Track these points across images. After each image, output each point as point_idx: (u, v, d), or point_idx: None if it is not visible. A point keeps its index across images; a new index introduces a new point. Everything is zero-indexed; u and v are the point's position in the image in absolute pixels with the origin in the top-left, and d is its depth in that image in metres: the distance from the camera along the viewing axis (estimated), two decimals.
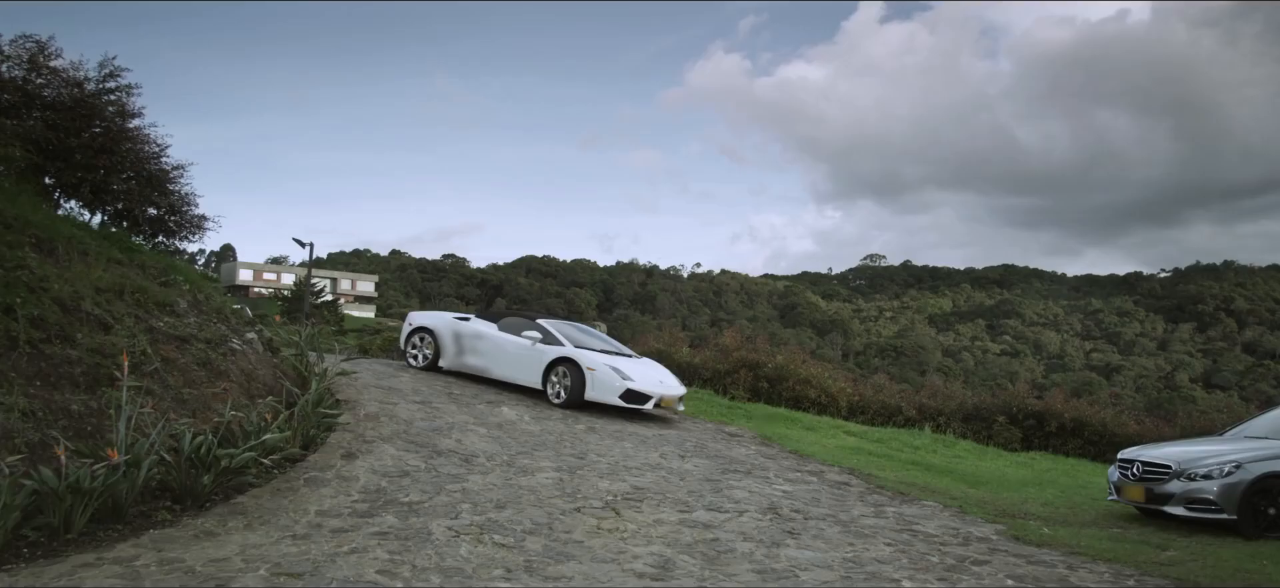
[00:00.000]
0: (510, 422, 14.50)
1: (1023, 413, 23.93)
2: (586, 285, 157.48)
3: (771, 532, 9.64)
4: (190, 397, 10.74)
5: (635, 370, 17.03)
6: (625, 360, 17.55)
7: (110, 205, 17.64)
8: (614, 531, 9.26)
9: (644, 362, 18.22)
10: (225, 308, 14.17)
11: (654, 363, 18.75)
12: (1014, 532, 10.46)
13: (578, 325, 19.82)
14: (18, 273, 10.12)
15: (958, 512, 11.51)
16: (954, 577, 8.27)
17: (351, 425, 12.62)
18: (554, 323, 18.51)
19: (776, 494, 11.51)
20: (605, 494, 10.68)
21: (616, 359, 17.32)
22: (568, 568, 7.88)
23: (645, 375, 17.08)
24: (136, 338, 10.74)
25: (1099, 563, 9.06)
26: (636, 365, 17.46)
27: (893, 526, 10.36)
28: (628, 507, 10.21)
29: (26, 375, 9.31)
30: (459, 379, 18.64)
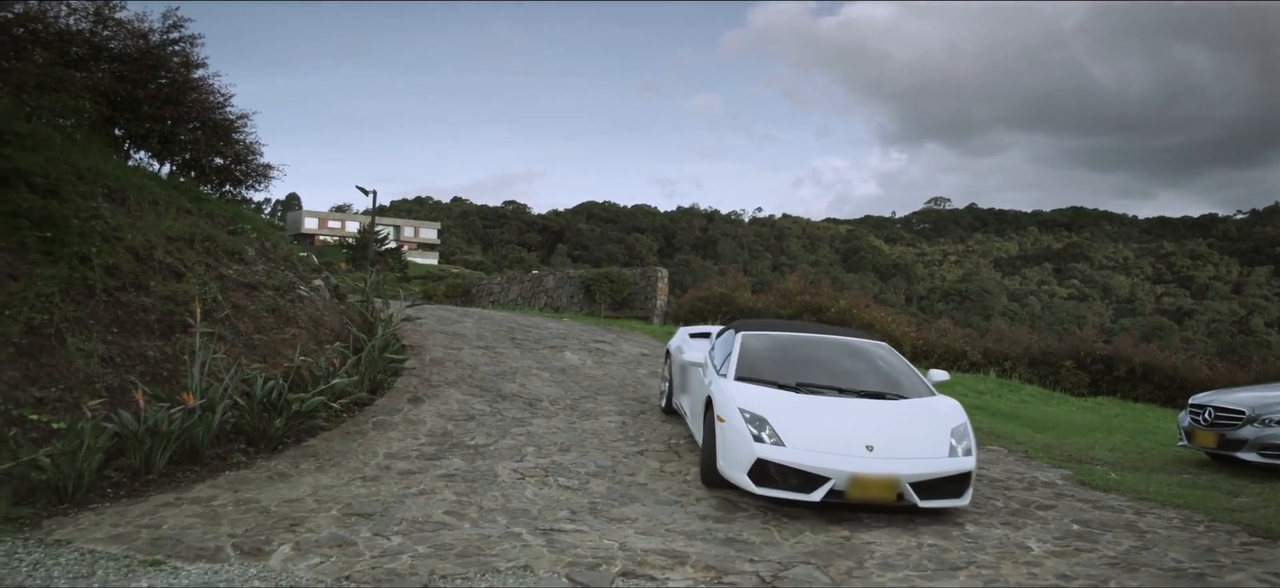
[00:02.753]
0: (573, 367, 14.60)
1: (1090, 358, 23.58)
2: (647, 231, 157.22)
3: None
4: (260, 343, 10.95)
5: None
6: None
7: (178, 156, 17.91)
8: (677, 474, 9.31)
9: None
10: (292, 255, 14.39)
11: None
12: (1080, 477, 10.34)
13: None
14: (92, 223, 10.34)
15: (1023, 457, 11.40)
16: (1019, 521, 8.21)
17: (417, 371, 12.79)
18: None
19: None
20: (668, 438, 10.73)
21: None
22: (632, 510, 7.95)
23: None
24: (207, 285, 10.95)
25: (1168, 509, 8.92)
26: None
27: None
28: (691, 450, 10.25)
29: (104, 323, 9.55)
30: (522, 324, 18.76)
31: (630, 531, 7.38)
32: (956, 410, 8.96)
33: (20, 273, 9.20)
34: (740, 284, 27.89)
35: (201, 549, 6.52)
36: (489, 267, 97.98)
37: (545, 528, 7.25)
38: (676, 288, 31.25)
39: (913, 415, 8.85)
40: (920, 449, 8.21)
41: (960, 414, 8.88)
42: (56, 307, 9.20)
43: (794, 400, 8.81)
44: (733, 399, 8.59)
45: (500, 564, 6.32)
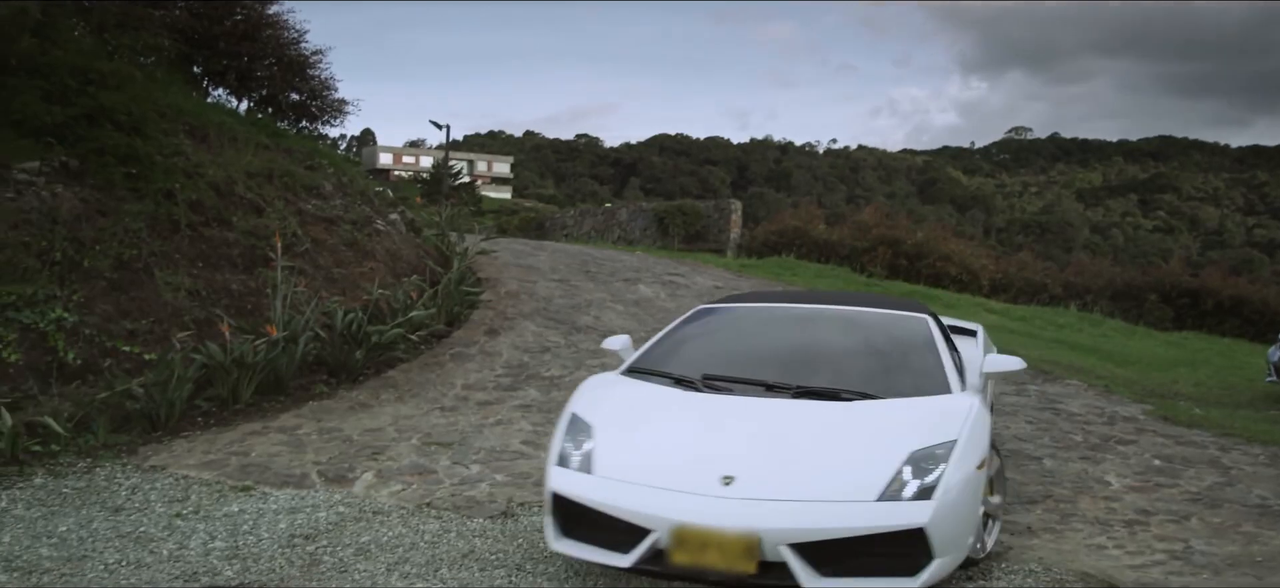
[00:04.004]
0: (647, 299, 14.64)
1: (1176, 291, 22.99)
2: (720, 163, 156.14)
3: None
4: (340, 276, 11.15)
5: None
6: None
7: (255, 92, 18.17)
8: None
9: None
10: (368, 190, 14.57)
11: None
12: (1163, 412, 10.14)
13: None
14: (175, 159, 10.56)
15: (1103, 391, 11.20)
16: (1098, 456, 8.09)
17: (493, 303, 12.94)
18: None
19: None
20: None
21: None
22: None
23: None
24: (287, 220, 11.15)
25: (1254, 445, 8.72)
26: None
27: (1034, 404, 10.15)
28: None
29: (189, 257, 9.79)
30: (596, 258, 18.84)
31: None
32: (958, 418, 5.16)
33: (109, 209, 9.45)
34: (814, 217, 27.60)
35: (288, 476, 6.72)
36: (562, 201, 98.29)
37: None
38: (750, 221, 31.03)
39: (860, 427, 5.14)
40: (831, 482, 4.67)
41: (955, 426, 5.04)
42: (144, 242, 9.44)
43: (670, 401, 5.57)
44: (573, 402, 5.60)
45: None
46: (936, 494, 4.60)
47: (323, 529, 5.66)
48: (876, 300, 7.72)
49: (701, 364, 5.96)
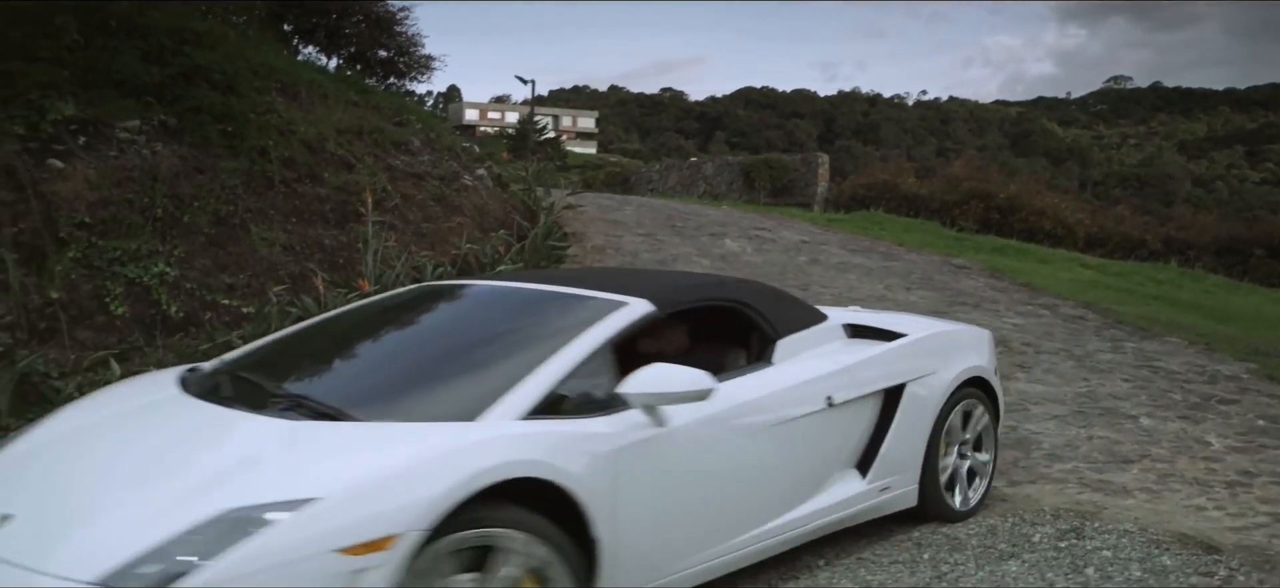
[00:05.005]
0: (733, 253, 14.58)
1: None
2: (807, 116, 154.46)
3: (1001, 365, 9.35)
4: (428, 230, 11.29)
5: None
6: None
7: (344, 49, 18.42)
8: None
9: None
10: (456, 146, 14.69)
11: None
12: (1268, 371, 9.79)
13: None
14: (268, 117, 10.77)
15: (1204, 349, 10.85)
16: (1197, 415, 7.86)
17: (579, 258, 13.00)
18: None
19: (1006, 327, 11.16)
20: None
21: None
22: None
23: None
24: (377, 176, 11.32)
25: None
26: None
27: (1132, 361, 9.89)
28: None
29: (283, 213, 10.00)
30: (681, 212, 18.81)
31: None
32: (403, 461, 3.32)
33: (206, 166, 9.69)
34: (903, 170, 27.18)
35: None
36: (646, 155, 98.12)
37: None
38: (837, 174, 30.68)
39: (237, 459, 3.45)
40: (75, 549, 3.03)
41: (344, 476, 3.21)
42: (239, 198, 9.67)
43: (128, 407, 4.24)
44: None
45: None
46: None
47: None
48: (601, 279, 5.31)
49: (261, 362, 4.73)
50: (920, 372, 5.26)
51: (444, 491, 3.15)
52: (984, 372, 5.75)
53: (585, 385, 3.90)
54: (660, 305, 4.43)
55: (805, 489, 4.69)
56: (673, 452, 3.96)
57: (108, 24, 10.06)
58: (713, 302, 4.97)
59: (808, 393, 4.66)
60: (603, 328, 4.14)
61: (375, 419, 3.66)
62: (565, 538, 3.47)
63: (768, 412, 4.47)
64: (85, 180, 8.84)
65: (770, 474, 4.52)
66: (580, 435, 3.69)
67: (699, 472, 4.12)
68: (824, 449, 4.80)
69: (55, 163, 8.82)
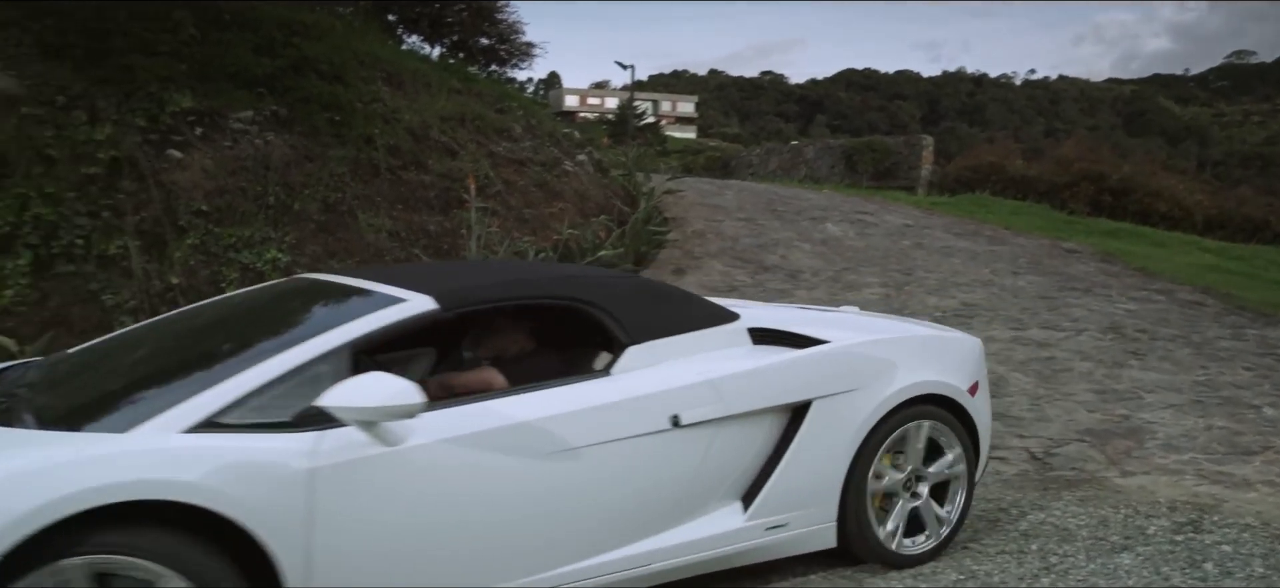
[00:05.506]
0: (835, 238, 14.42)
1: None
2: (910, 98, 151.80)
3: (1113, 352, 9.11)
4: (530, 216, 11.41)
5: None
6: None
7: (446, 38, 18.69)
8: None
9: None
10: (556, 132, 14.81)
11: None
12: None
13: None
14: (373, 106, 11.00)
15: None
16: None
17: (679, 242, 12.99)
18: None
19: (1119, 313, 10.84)
20: (933, 310, 10.46)
21: None
22: None
23: None
24: (480, 162, 11.47)
25: None
26: None
27: (1254, 349, 9.50)
28: (957, 323, 9.95)
29: (389, 199, 10.21)
30: (782, 196, 18.67)
31: None
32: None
33: (315, 154, 9.94)
34: (1010, 152, 26.55)
35: None
36: (746, 139, 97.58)
37: None
38: (941, 157, 30.07)
39: None
40: None
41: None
42: (347, 185, 9.90)
43: None
44: None
45: None
46: None
47: None
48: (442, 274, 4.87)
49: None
50: (835, 387, 4.27)
51: (27, 510, 2.66)
52: (948, 389, 4.61)
53: (310, 395, 3.25)
54: (445, 304, 3.70)
55: (641, 525, 3.85)
56: (406, 477, 3.30)
57: (222, 18, 10.37)
58: (530, 300, 4.18)
59: (644, 410, 3.82)
60: (352, 328, 3.51)
61: (50, 427, 3.25)
62: (234, 576, 2.95)
63: (576, 431, 3.66)
64: (202, 170, 9.14)
65: (573, 506, 3.68)
66: (261, 455, 3.07)
67: (449, 502, 3.41)
68: (669, 477, 3.90)
69: (174, 153, 9.14)
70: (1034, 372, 8.29)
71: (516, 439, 3.55)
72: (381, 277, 4.11)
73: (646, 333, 4.06)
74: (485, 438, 3.48)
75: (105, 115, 8.94)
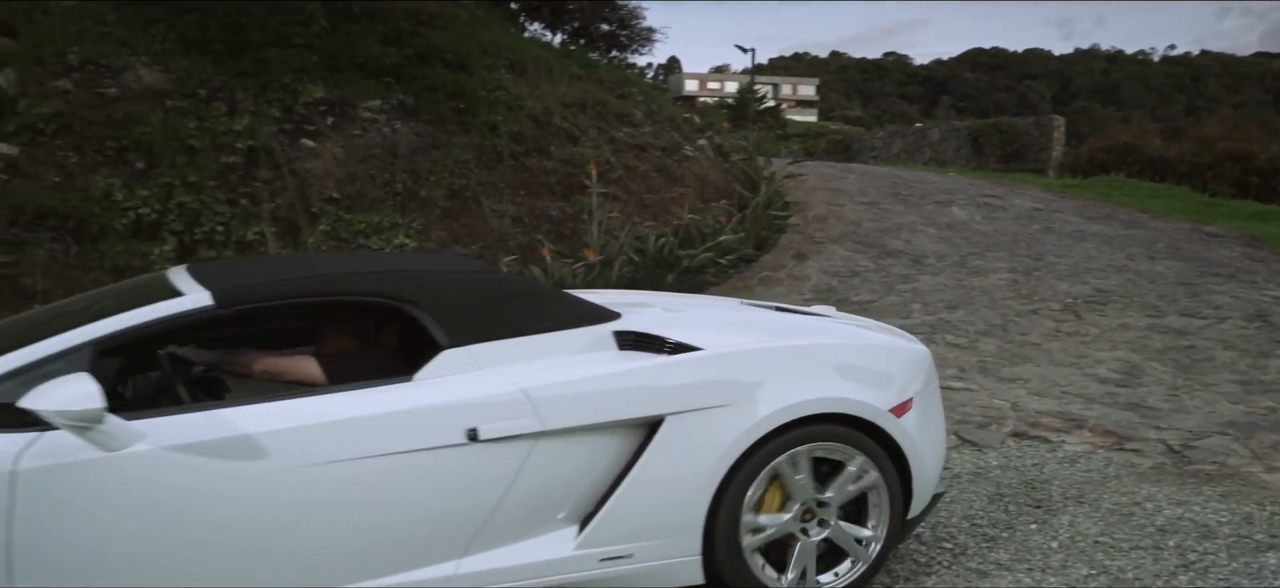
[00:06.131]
0: (960, 222, 14.10)
1: None
2: (1039, 77, 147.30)
3: (1258, 341, 8.69)
4: (651, 201, 11.44)
5: None
6: None
7: (567, 24, 18.89)
8: (1074, 333, 8.81)
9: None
10: (677, 117, 14.81)
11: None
12: None
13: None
14: (497, 93, 11.18)
15: None
16: None
17: (800, 227, 12.88)
18: None
19: (1266, 300, 10.33)
20: (1064, 296, 10.14)
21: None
22: (1024, 370, 7.63)
23: None
24: (601, 148, 11.55)
25: None
26: None
27: None
28: (1090, 310, 9.63)
29: (512, 185, 10.37)
30: (906, 180, 18.34)
31: (1022, 391, 7.09)
32: None
33: (440, 142, 10.15)
34: (1147, 131, 25.57)
35: None
36: (869, 122, 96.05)
37: None
38: (1073, 138, 29.12)
39: None
40: None
41: None
42: (471, 172, 10.09)
43: None
44: None
45: None
46: None
47: None
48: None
49: None
50: (693, 402, 3.66)
51: None
52: (856, 407, 3.87)
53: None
54: (221, 301, 3.45)
55: (430, 549, 3.47)
56: (119, 485, 3.09)
57: (351, 10, 10.67)
58: (324, 298, 3.83)
59: (434, 422, 3.42)
60: (98, 327, 3.32)
61: None
62: None
63: (337, 442, 3.33)
64: (333, 158, 9.43)
65: (327, 525, 3.35)
66: None
67: (171, 513, 3.16)
68: (467, 497, 3.48)
69: (307, 142, 9.45)
70: (1172, 361, 7.97)
71: (259, 449, 3.23)
72: (207, 276, 3.73)
73: (471, 335, 3.63)
74: (220, 447, 3.19)
75: (243, 107, 9.29)
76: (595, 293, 4.85)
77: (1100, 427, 6.25)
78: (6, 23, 9.15)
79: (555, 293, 4.22)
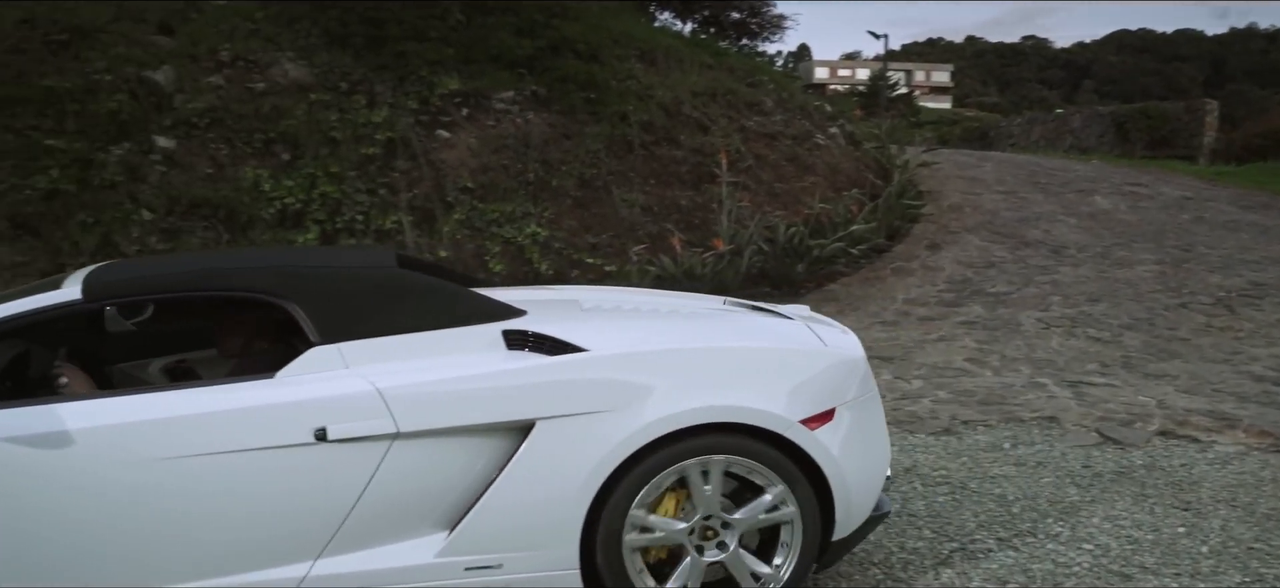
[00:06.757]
0: (1104, 211, 13.60)
1: None
2: (1190, 59, 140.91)
3: None
4: (781, 191, 11.35)
5: None
6: None
7: (697, 13, 18.87)
8: (1227, 329, 8.40)
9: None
10: (807, 105, 14.65)
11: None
12: None
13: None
14: (628, 83, 11.24)
15: None
16: None
17: (934, 217, 12.63)
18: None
19: None
20: (1216, 290, 9.69)
21: None
22: (1171, 366, 7.32)
23: None
24: (731, 137, 11.50)
25: None
26: None
27: None
28: (1244, 304, 9.18)
29: (642, 175, 10.41)
30: (1046, 168, 17.79)
31: (1170, 388, 6.80)
32: None
33: (572, 132, 10.26)
34: None
35: None
36: (1006, 108, 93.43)
37: (1073, 380, 6.90)
38: (1227, 123, 27.80)
39: None
40: None
41: None
42: (602, 162, 10.18)
43: None
44: None
45: (1024, 414, 6.13)
46: None
47: None
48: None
49: None
50: (566, 407, 3.45)
51: None
52: (759, 417, 3.52)
53: None
54: (88, 295, 3.45)
55: (274, 550, 3.38)
56: None
57: (485, 3, 10.87)
58: (199, 293, 3.75)
59: (283, 419, 3.33)
60: None
61: None
62: None
63: (194, 437, 3.28)
64: (467, 148, 9.63)
65: (178, 519, 3.29)
66: None
67: (9, 507, 3.19)
68: (315, 498, 3.38)
69: (442, 133, 9.67)
70: None
71: (100, 442, 3.20)
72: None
73: (343, 333, 3.50)
74: (56, 439, 3.18)
75: (382, 99, 9.57)
76: (533, 290, 4.75)
77: (1255, 427, 5.95)
78: (164, 23, 9.61)
79: (450, 290, 3.90)
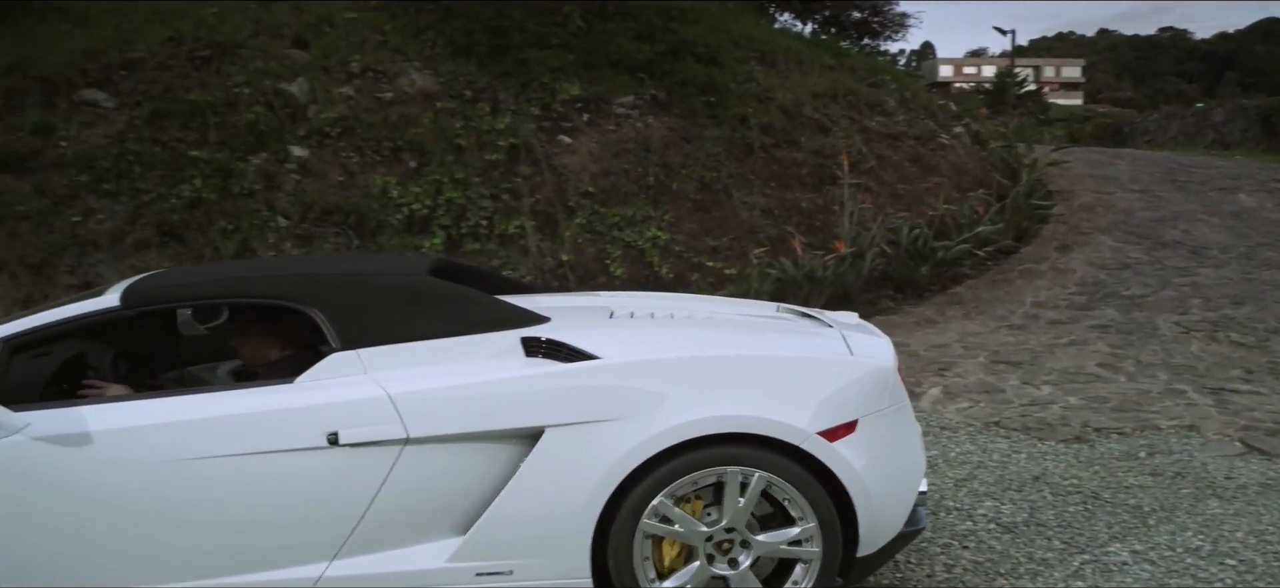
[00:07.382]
0: (1248, 209, 13.01)
1: None
2: None
3: None
4: (904, 192, 11.17)
5: None
6: None
7: (818, 14, 18.71)
8: None
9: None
10: (931, 104, 14.38)
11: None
12: None
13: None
14: (747, 86, 11.21)
15: None
16: None
17: (1065, 217, 12.27)
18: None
19: None
20: None
21: None
22: None
23: None
24: (852, 138, 11.37)
25: None
26: None
27: None
28: None
29: (762, 178, 10.37)
30: (1184, 165, 17.11)
31: None
32: None
33: (692, 135, 10.29)
34: None
35: None
36: (1141, 103, 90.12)
37: (1214, 387, 6.61)
38: None
39: None
40: None
41: None
42: (722, 165, 10.17)
43: None
44: None
45: (1161, 422, 5.90)
46: None
47: None
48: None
49: None
50: (576, 415, 3.42)
51: None
52: (772, 427, 3.42)
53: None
54: (126, 302, 3.61)
55: (286, 550, 3.45)
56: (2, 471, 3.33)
57: (606, 10, 10.97)
58: (230, 300, 3.93)
59: (296, 424, 3.41)
60: (11, 324, 3.57)
61: None
62: None
63: (217, 439, 3.39)
64: (588, 153, 9.74)
65: (200, 516, 3.40)
66: None
67: (45, 501, 3.34)
68: (328, 501, 3.44)
69: (564, 139, 9.80)
70: None
71: (131, 442, 3.36)
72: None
73: (363, 339, 3.57)
74: (91, 438, 3.35)
75: (505, 106, 9.74)
76: (571, 296, 4.80)
77: None
78: (299, 36, 9.96)
79: (472, 296, 3.92)
